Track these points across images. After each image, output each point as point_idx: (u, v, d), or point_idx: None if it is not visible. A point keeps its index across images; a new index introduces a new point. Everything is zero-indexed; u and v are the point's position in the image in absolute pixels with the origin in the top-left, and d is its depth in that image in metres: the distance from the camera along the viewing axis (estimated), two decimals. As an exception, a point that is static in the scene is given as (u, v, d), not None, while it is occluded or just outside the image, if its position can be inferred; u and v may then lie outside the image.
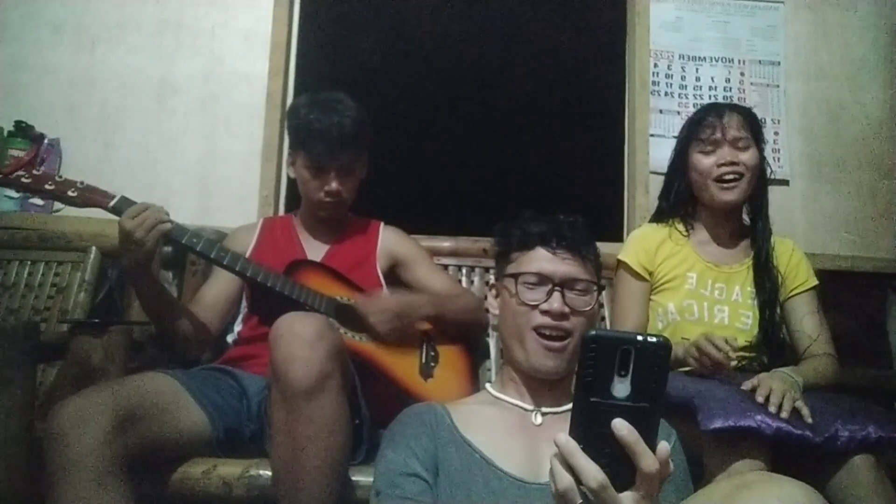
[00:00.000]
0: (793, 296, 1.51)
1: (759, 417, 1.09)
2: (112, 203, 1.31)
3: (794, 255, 1.54)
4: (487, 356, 1.68)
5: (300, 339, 1.02)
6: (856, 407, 1.20)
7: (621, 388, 0.60)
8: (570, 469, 0.61)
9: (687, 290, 1.50)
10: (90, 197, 1.32)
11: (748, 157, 1.47)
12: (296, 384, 1.00)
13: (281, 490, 1.05)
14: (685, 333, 1.47)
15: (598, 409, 0.60)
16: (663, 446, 0.61)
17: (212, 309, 1.49)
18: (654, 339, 0.60)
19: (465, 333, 1.58)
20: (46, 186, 1.30)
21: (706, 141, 1.49)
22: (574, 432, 0.62)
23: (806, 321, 1.47)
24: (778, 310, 1.49)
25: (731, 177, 1.46)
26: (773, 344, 1.46)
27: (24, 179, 1.29)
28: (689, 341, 1.34)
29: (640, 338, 0.60)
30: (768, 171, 1.56)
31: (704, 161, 1.49)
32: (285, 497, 1.04)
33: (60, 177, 1.33)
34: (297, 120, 1.52)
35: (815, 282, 1.52)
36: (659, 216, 1.62)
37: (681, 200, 1.57)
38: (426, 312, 1.48)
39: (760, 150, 1.51)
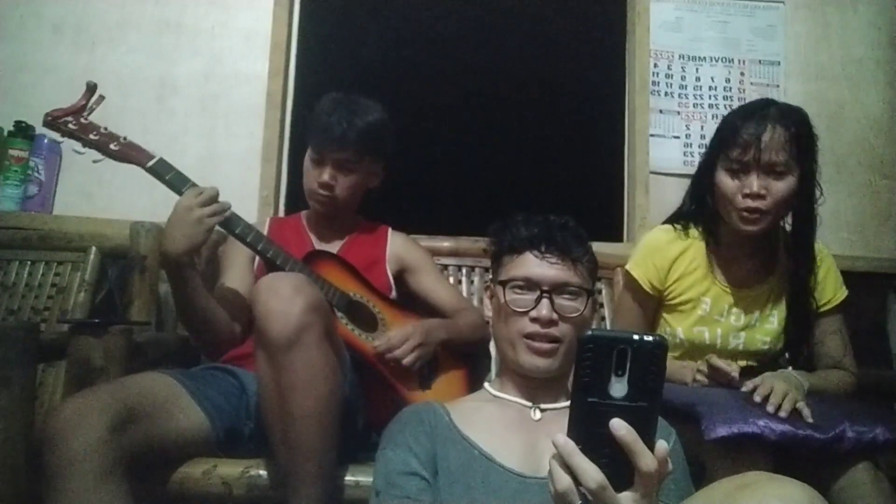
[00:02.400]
0: (820, 314, 1.40)
1: (762, 423, 1.07)
2: (150, 163, 1.32)
3: (822, 266, 1.40)
4: (488, 367, 1.66)
5: (277, 294, 1.05)
6: (862, 409, 1.19)
7: (619, 387, 0.60)
8: (569, 470, 0.61)
9: (699, 315, 1.40)
10: (130, 153, 1.33)
11: (781, 187, 1.26)
12: (275, 336, 1.02)
13: (274, 443, 1.08)
14: (694, 359, 1.41)
15: (596, 409, 0.61)
16: (661, 445, 0.61)
17: (239, 306, 1.44)
18: (650, 339, 0.60)
19: (468, 348, 1.58)
20: (91, 136, 1.32)
21: (735, 160, 1.27)
22: (572, 433, 0.62)
23: (829, 341, 1.39)
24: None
25: (753, 214, 1.27)
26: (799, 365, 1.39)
27: (70, 125, 1.31)
28: (693, 367, 1.32)
29: (636, 337, 0.60)
30: (817, 192, 1.33)
31: (729, 184, 1.29)
32: (277, 450, 1.07)
33: (105, 129, 1.34)
34: (314, 114, 1.53)
35: (843, 294, 1.40)
36: (679, 218, 1.45)
37: (706, 208, 1.38)
38: (442, 337, 1.47)
39: (807, 170, 1.28)
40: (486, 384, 1.15)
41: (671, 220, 1.47)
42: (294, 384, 1.03)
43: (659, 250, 1.42)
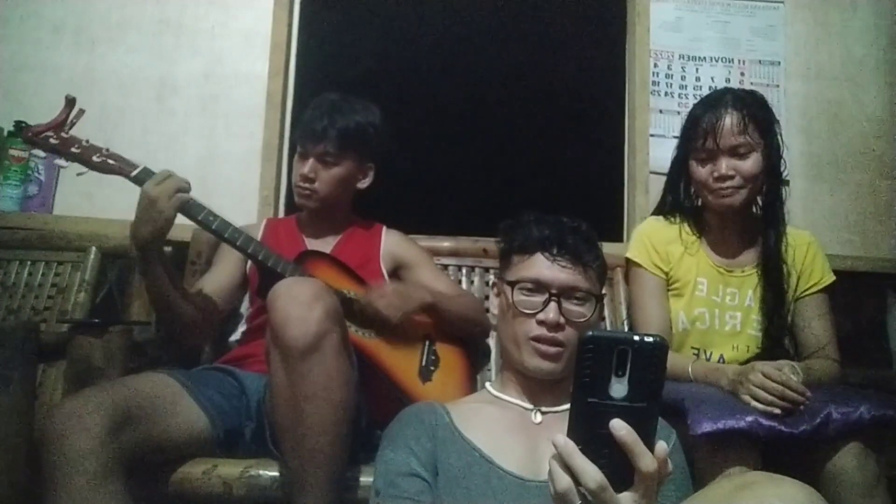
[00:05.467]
0: (805, 295, 1.43)
1: (749, 419, 1.08)
2: (134, 172, 1.32)
3: (809, 251, 1.45)
4: (488, 361, 1.67)
5: (297, 300, 1.04)
6: (847, 391, 1.20)
7: (619, 388, 0.60)
8: (569, 470, 0.61)
9: (698, 296, 1.44)
10: (113, 164, 1.33)
11: (748, 165, 1.36)
12: (293, 343, 1.01)
13: (285, 449, 1.07)
14: (695, 343, 1.44)
15: (597, 409, 0.60)
16: (661, 446, 0.61)
17: (214, 295, 1.48)
18: (650, 339, 0.60)
19: (466, 335, 1.58)
20: (73, 149, 1.32)
21: (701, 149, 1.38)
22: (572, 433, 0.62)
23: (815, 324, 1.41)
24: (787, 315, 1.42)
25: (727, 190, 1.37)
26: (778, 351, 1.40)
27: (52, 140, 1.31)
28: (730, 371, 1.23)
29: (636, 338, 0.60)
30: (783, 166, 1.43)
31: (700, 171, 1.40)
32: (289, 456, 1.06)
33: (87, 141, 1.34)
34: (303, 114, 1.56)
35: (830, 278, 1.44)
36: (662, 209, 1.54)
37: (686, 198, 1.49)
38: (425, 299, 1.47)
39: (770, 147, 1.38)
40: (486, 384, 1.15)
41: (655, 213, 1.56)
42: (310, 392, 1.02)
43: (654, 233, 1.49)
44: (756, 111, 1.38)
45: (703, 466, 1.10)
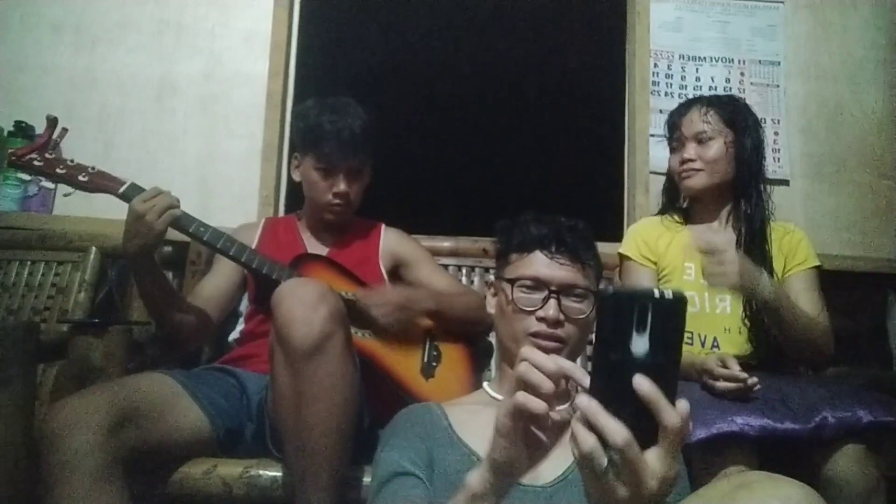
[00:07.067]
0: (789, 275, 1.47)
1: (740, 420, 1.08)
2: (122, 189, 1.31)
3: (793, 236, 1.51)
4: (489, 356, 1.68)
5: (301, 301, 1.04)
6: (845, 391, 1.19)
7: (640, 344, 0.59)
8: (593, 430, 0.59)
9: (686, 280, 1.47)
10: (100, 182, 1.32)
11: (708, 151, 1.48)
12: (297, 344, 1.01)
13: (288, 450, 1.08)
14: (689, 326, 1.42)
15: (618, 367, 0.59)
16: (684, 403, 0.60)
17: (211, 301, 1.49)
18: (670, 294, 0.60)
19: (468, 332, 1.58)
20: (58, 170, 1.31)
21: (672, 139, 1.56)
22: (594, 392, 0.61)
23: (803, 297, 1.42)
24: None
25: (688, 172, 1.50)
26: (759, 333, 1.41)
27: (36, 162, 1.30)
28: (699, 364, 1.27)
29: (656, 293, 0.59)
30: (765, 161, 1.52)
31: (672, 159, 1.56)
32: (292, 457, 1.07)
33: (72, 161, 1.33)
34: (307, 122, 1.53)
35: (814, 262, 1.48)
36: (661, 209, 1.65)
37: (676, 194, 1.61)
38: (428, 306, 1.47)
39: (740, 139, 1.47)
40: (484, 384, 1.15)
41: (655, 215, 1.68)
42: (314, 393, 1.02)
43: (643, 230, 1.59)
44: (724, 106, 1.51)
45: (701, 472, 1.10)
